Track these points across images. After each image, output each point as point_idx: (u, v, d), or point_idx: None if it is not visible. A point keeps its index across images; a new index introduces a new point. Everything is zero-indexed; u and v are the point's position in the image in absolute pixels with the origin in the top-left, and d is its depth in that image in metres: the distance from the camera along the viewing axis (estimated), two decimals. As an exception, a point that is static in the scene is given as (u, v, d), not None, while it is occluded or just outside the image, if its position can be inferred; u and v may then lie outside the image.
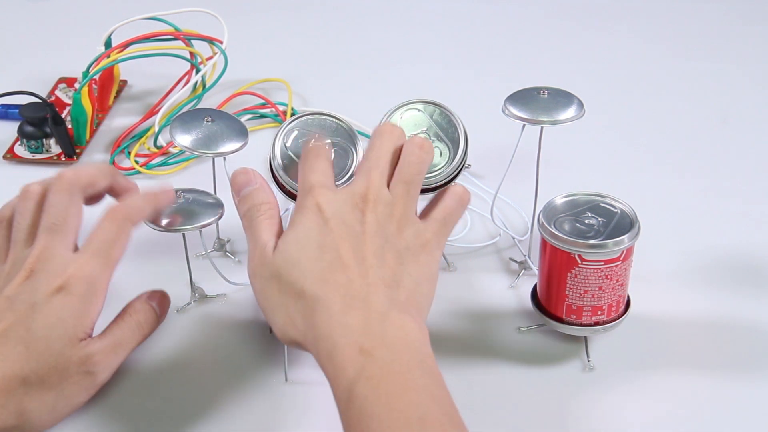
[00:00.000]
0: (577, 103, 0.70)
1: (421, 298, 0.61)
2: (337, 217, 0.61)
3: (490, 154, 0.79)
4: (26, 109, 0.87)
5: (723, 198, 0.83)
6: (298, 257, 0.60)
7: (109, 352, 0.62)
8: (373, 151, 0.65)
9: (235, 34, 0.91)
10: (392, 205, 0.63)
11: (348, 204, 0.62)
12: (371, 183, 0.63)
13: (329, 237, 0.60)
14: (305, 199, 0.63)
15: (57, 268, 0.61)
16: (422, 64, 1.03)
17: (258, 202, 0.64)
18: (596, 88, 0.96)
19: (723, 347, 0.69)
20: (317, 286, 0.59)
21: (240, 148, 0.71)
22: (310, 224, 0.61)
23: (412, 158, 0.65)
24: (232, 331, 0.70)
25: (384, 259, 0.60)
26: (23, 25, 1.10)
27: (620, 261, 0.65)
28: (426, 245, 0.63)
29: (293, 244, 0.61)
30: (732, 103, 0.96)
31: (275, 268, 0.60)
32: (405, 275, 0.61)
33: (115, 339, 0.63)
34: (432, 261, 0.63)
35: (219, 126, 0.72)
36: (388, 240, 0.61)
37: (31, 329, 0.59)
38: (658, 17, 1.11)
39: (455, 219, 0.66)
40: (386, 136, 0.66)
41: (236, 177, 0.66)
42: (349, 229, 0.61)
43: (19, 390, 0.59)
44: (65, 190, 0.64)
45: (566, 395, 0.66)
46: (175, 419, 0.64)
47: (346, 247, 0.60)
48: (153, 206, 0.66)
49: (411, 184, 0.64)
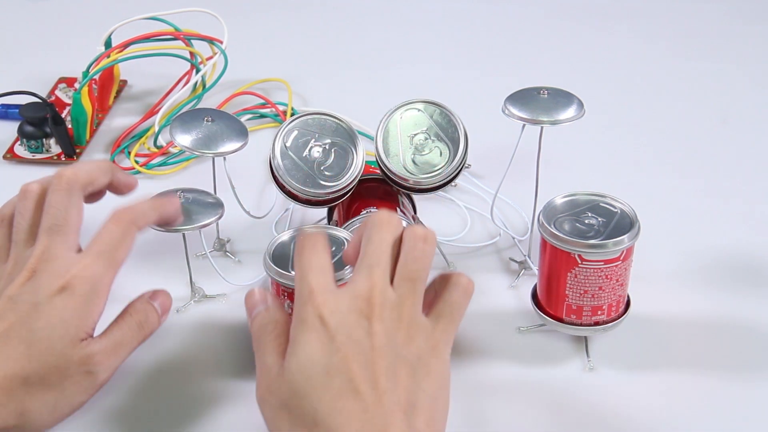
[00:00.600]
0: (577, 103, 0.70)
1: (438, 414, 0.57)
2: (342, 333, 0.56)
3: (490, 154, 0.79)
4: (26, 109, 0.87)
5: (723, 198, 0.83)
6: (305, 386, 0.55)
7: (109, 352, 0.62)
8: (372, 245, 0.59)
9: (235, 34, 0.91)
10: (399, 308, 0.58)
11: (353, 312, 0.57)
12: (375, 284, 0.57)
13: (336, 357, 0.55)
14: (305, 308, 0.57)
15: (59, 269, 0.61)
16: (422, 64, 1.03)
17: (266, 322, 0.60)
18: (596, 88, 0.96)
19: (723, 347, 0.69)
20: (330, 417, 0.54)
21: (240, 148, 0.71)
22: (313, 344, 0.56)
23: (416, 253, 0.59)
24: (232, 331, 0.70)
25: (397, 377, 0.56)
26: (23, 25, 1.10)
27: (620, 261, 0.65)
28: (436, 348, 0.59)
29: (298, 371, 0.56)
30: (732, 103, 0.96)
31: (283, 397, 0.56)
32: (420, 393, 0.56)
33: (116, 339, 0.62)
34: (443, 365, 0.59)
35: (219, 126, 0.72)
36: (398, 353, 0.57)
37: (33, 329, 0.59)
38: (658, 17, 1.11)
39: (462, 312, 0.61)
40: (384, 229, 0.60)
41: (249, 297, 0.62)
42: (357, 345, 0.56)
43: (20, 390, 0.59)
44: (64, 189, 0.64)
45: (566, 395, 0.66)
46: (175, 419, 0.64)
47: (356, 369, 0.55)
48: (159, 213, 0.66)
49: (417, 281, 0.59)
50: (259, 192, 0.83)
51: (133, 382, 0.66)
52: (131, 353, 0.64)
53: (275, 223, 0.79)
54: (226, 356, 0.68)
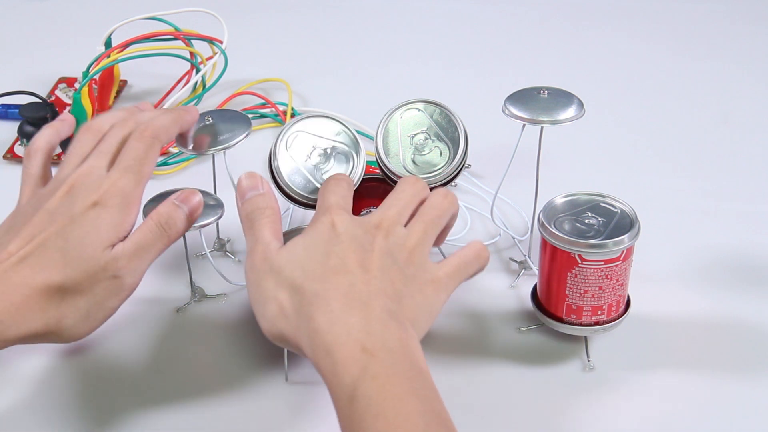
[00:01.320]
0: (577, 103, 0.70)
1: (418, 322, 0.59)
2: (348, 235, 0.61)
3: (490, 154, 0.79)
4: (26, 109, 0.87)
5: (723, 198, 0.83)
6: (302, 258, 0.60)
7: (132, 255, 0.63)
8: (395, 194, 0.64)
9: (235, 34, 0.91)
10: (406, 238, 0.62)
11: (362, 227, 0.61)
12: (387, 215, 0.62)
13: (338, 247, 0.60)
14: (320, 218, 0.63)
15: (94, 184, 0.63)
16: (422, 64, 1.03)
17: (262, 206, 0.64)
18: (596, 88, 0.96)
19: (723, 347, 0.69)
20: (318, 283, 0.58)
21: (242, 139, 0.71)
22: (320, 234, 0.61)
23: (434, 202, 0.64)
24: (232, 331, 0.70)
25: (388, 274, 0.59)
26: (23, 25, 1.10)
27: (620, 261, 0.65)
28: (435, 282, 0.61)
29: (300, 246, 0.61)
30: (732, 103, 0.96)
31: (277, 263, 0.60)
32: (406, 296, 0.59)
33: (137, 242, 0.63)
34: (436, 299, 0.61)
35: (219, 124, 0.72)
36: (396, 262, 0.60)
37: (68, 239, 0.61)
38: (659, 17, 1.11)
39: (470, 271, 0.63)
40: (410, 185, 0.65)
41: (242, 180, 0.65)
42: (359, 245, 0.60)
43: (57, 296, 0.61)
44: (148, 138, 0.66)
45: (566, 395, 0.66)
46: (175, 419, 0.64)
47: (352, 258, 0.59)
48: (179, 126, 0.68)
49: (429, 224, 0.63)
50: (259, 192, 0.83)
51: (134, 381, 0.66)
52: (157, 256, 0.64)
53: (275, 223, 0.79)
54: (226, 356, 0.68)
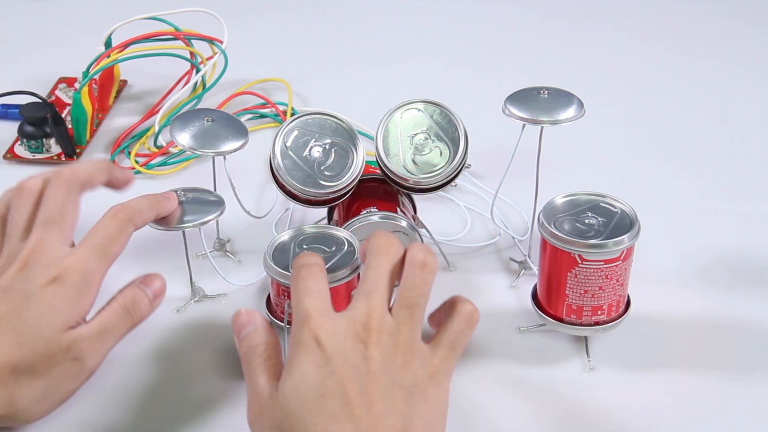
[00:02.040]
0: (577, 103, 0.70)
1: None
2: (338, 355, 0.56)
3: (490, 154, 0.79)
4: (26, 109, 0.87)
5: (723, 198, 0.83)
6: (298, 408, 0.55)
7: (94, 338, 0.61)
8: (371, 270, 0.59)
9: (235, 34, 0.91)
10: (397, 334, 0.57)
11: (350, 336, 0.57)
12: (373, 309, 0.58)
13: (331, 380, 0.55)
14: (302, 331, 0.57)
15: (52, 260, 0.61)
16: (422, 64, 1.03)
17: (255, 343, 0.60)
18: (596, 88, 0.96)
19: (723, 347, 0.69)
20: None
21: (240, 147, 0.71)
22: (309, 366, 0.56)
23: (414, 281, 0.59)
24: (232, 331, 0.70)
25: (392, 402, 0.55)
26: (23, 25, 1.10)
27: (620, 261, 0.65)
28: (434, 375, 0.58)
29: (293, 393, 0.55)
30: (732, 103, 0.96)
31: (276, 419, 0.56)
32: (415, 418, 0.56)
33: (101, 324, 0.62)
34: (441, 393, 0.58)
35: (219, 125, 0.72)
36: (394, 378, 0.56)
37: (24, 318, 0.60)
38: (659, 17, 1.11)
39: (464, 342, 0.60)
40: (383, 255, 0.60)
41: (237, 318, 0.62)
42: (353, 368, 0.56)
43: (10, 378, 0.59)
44: (63, 185, 0.64)
45: (566, 395, 0.66)
46: (175, 419, 0.64)
47: (351, 392, 0.55)
48: (155, 212, 0.66)
49: (415, 308, 0.59)
50: (259, 192, 0.83)
51: (133, 381, 0.66)
52: (120, 339, 0.64)
53: (275, 223, 0.79)
54: (226, 356, 0.68)
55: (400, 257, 0.60)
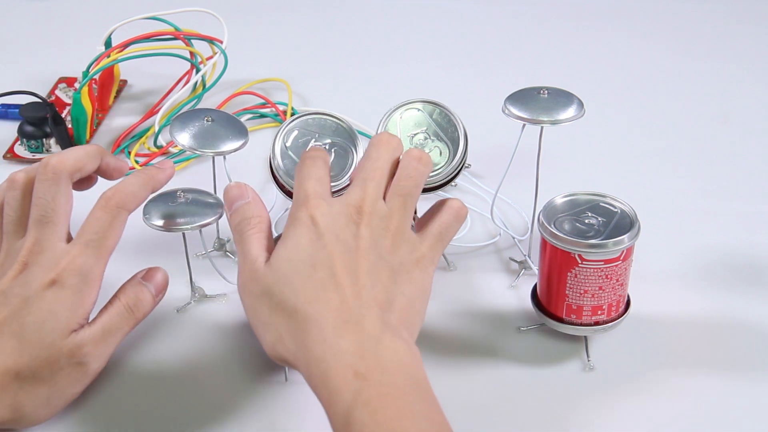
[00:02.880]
0: (577, 103, 0.70)
1: (413, 317, 0.60)
2: (331, 232, 0.60)
3: (490, 154, 0.79)
4: (26, 109, 0.87)
5: (723, 198, 0.83)
6: (289, 275, 0.59)
7: (98, 340, 0.61)
8: (370, 161, 0.64)
9: (235, 34, 0.91)
10: (388, 219, 0.62)
11: (342, 216, 0.61)
12: (367, 194, 0.62)
13: (322, 253, 0.59)
14: (299, 210, 0.61)
15: (49, 261, 0.61)
16: (422, 64, 1.03)
17: (249, 215, 0.63)
18: (596, 88, 0.96)
19: (723, 347, 0.69)
20: (309, 305, 0.58)
21: (240, 147, 0.71)
22: (303, 239, 0.60)
23: (409, 171, 0.63)
24: (232, 331, 0.70)
25: (377, 277, 0.59)
26: (23, 25, 1.10)
27: (620, 261, 0.65)
28: (420, 260, 0.62)
29: (285, 261, 0.60)
30: (732, 103, 0.96)
31: (266, 284, 0.59)
32: (398, 294, 0.60)
33: (105, 326, 0.62)
34: (425, 277, 0.62)
35: (219, 125, 0.72)
36: (382, 256, 0.60)
37: (24, 323, 0.59)
38: (659, 17, 1.11)
39: (451, 234, 0.65)
40: (383, 147, 0.64)
41: (228, 191, 0.65)
42: (343, 244, 0.60)
43: (13, 384, 0.59)
44: (51, 178, 0.63)
45: (566, 395, 0.66)
46: (175, 419, 0.64)
47: (339, 265, 0.59)
48: (150, 188, 0.66)
49: (408, 197, 0.63)
50: (259, 192, 0.82)
51: (133, 382, 0.66)
52: (124, 338, 0.64)
53: (275, 223, 0.79)
54: (226, 356, 0.68)
55: (399, 152, 0.65)
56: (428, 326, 0.70)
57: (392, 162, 0.64)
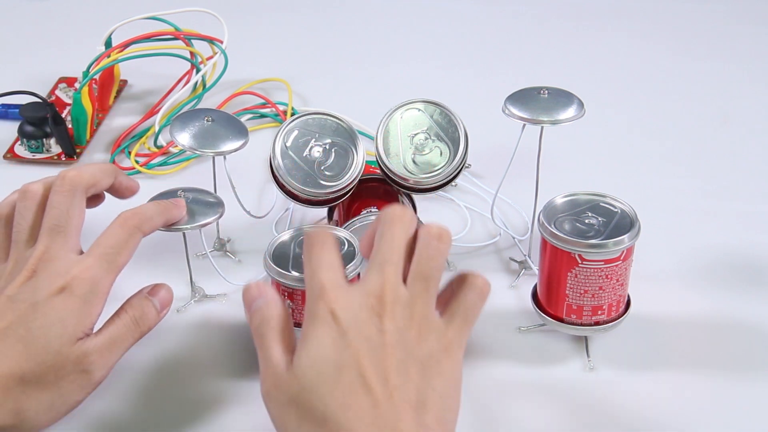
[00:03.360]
0: (577, 103, 0.70)
1: (448, 414, 0.57)
2: (354, 329, 0.55)
3: (490, 154, 0.79)
4: (26, 109, 0.87)
5: (723, 198, 0.83)
6: (315, 381, 0.55)
7: (104, 350, 0.62)
8: (385, 242, 0.58)
9: (235, 34, 0.91)
10: (411, 307, 0.57)
11: (365, 309, 0.56)
12: (387, 281, 0.57)
13: (347, 353, 0.55)
14: (317, 305, 0.56)
15: (59, 269, 0.61)
16: (422, 64, 1.03)
17: (268, 316, 0.58)
18: (596, 88, 0.96)
19: (723, 347, 0.69)
20: (340, 413, 0.54)
21: (240, 147, 0.71)
22: (325, 339, 0.55)
23: (430, 251, 0.58)
24: (232, 331, 0.70)
25: (407, 375, 0.55)
26: (23, 25, 1.10)
27: (620, 261, 0.65)
28: (448, 348, 0.58)
29: (309, 365, 0.55)
30: (732, 103, 0.96)
31: (291, 393, 0.55)
32: (430, 391, 0.56)
33: (111, 336, 0.62)
34: (455, 366, 0.58)
35: (219, 125, 0.72)
36: (409, 350, 0.56)
37: (31, 328, 0.60)
38: (659, 17, 1.11)
39: (477, 314, 0.60)
40: (398, 226, 0.59)
41: (248, 291, 0.60)
42: (368, 341, 0.55)
43: (17, 389, 0.59)
44: (67, 190, 0.64)
45: (566, 395, 0.66)
46: (175, 419, 0.64)
47: (367, 365, 0.54)
48: (165, 218, 0.66)
49: (429, 280, 0.58)
50: (259, 192, 0.83)
51: (133, 382, 0.66)
52: (128, 350, 0.64)
53: (275, 223, 0.79)
54: (226, 356, 0.68)
55: (414, 228, 0.60)
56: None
57: (409, 240, 0.59)
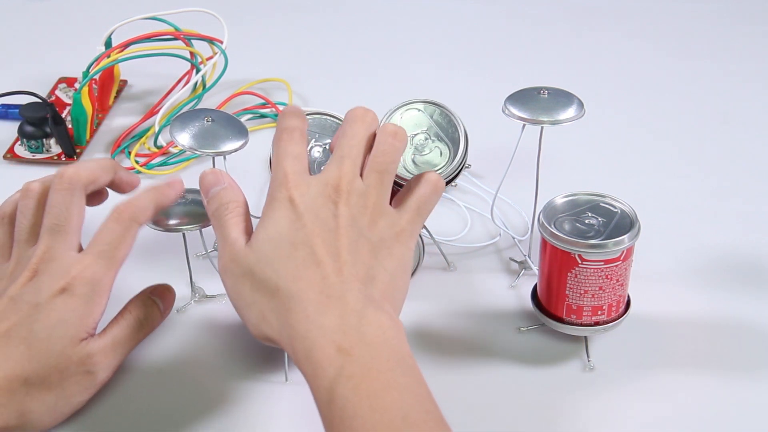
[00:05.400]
0: (577, 103, 0.70)
1: (396, 292, 0.61)
2: (310, 212, 0.60)
3: (490, 154, 0.79)
4: (26, 109, 0.87)
5: (723, 198, 0.83)
6: (270, 254, 0.59)
7: (108, 351, 0.62)
8: (346, 138, 0.64)
9: (235, 34, 0.91)
10: (365, 196, 0.62)
11: (321, 196, 0.61)
12: (344, 173, 0.62)
13: (302, 232, 0.60)
14: (278, 190, 0.62)
15: (60, 269, 0.61)
16: (422, 64, 1.03)
17: (226, 200, 0.63)
18: (596, 88, 0.96)
19: (723, 347, 0.69)
20: (291, 283, 0.58)
21: (240, 147, 0.71)
22: (282, 220, 0.61)
23: (385, 147, 0.64)
24: (232, 331, 0.70)
25: (358, 253, 0.60)
26: (23, 25, 1.10)
27: (620, 261, 0.65)
28: (400, 235, 0.62)
29: (265, 241, 0.60)
30: (732, 103, 0.96)
31: (247, 265, 0.60)
32: (380, 269, 0.60)
33: (115, 338, 0.63)
34: (406, 251, 0.62)
35: (219, 125, 0.72)
36: (362, 233, 0.61)
37: (34, 330, 0.60)
38: (659, 17, 1.11)
39: (430, 207, 0.65)
40: (358, 123, 0.64)
41: (204, 177, 0.65)
42: (323, 223, 0.60)
43: (21, 390, 0.59)
44: (66, 188, 0.64)
45: (566, 395, 0.66)
46: (175, 419, 0.64)
47: (320, 243, 0.59)
48: (160, 203, 0.66)
49: (384, 173, 0.63)
50: (259, 192, 0.83)
51: (133, 381, 0.66)
52: (131, 350, 0.64)
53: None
54: (226, 356, 0.68)
55: (375, 128, 0.65)
56: (428, 326, 0.70)
57: (368, 137, 0.64)
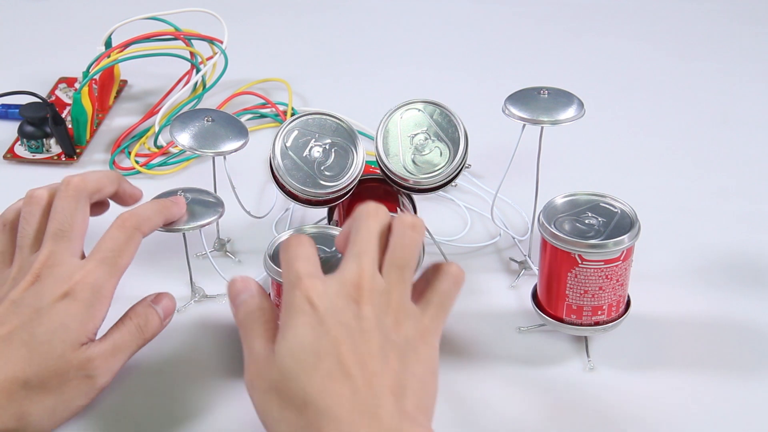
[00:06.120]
0: (577, 103, 0.70)
1: (427, 400, 0.57)
2: (331, 315, 0.56)
3: (490, 154, 0.79)
4: (26, 109, 0.87)
5: (723, 198, 0.83)
6: (295, 368, 0.55)
7: (108, 356, 0.62)
8: (360, 234, 0.59)
9: (235, 34, 0.91)
10: (388, 294, 0.58)
11: (341, 296, 0.57)
12: (364, 270, 0.58)
13: (325, 340, 0.55)
14: (293, 293, 0.57)
15: (63, 275, 0.61)
16: (422, 64, 1.03)
17: (252, 308, 0.60)
18: (596, 88, 0.96)
19: (723, 347, 0.69)
20: (319, 398, 0.54)
21: (240, 147, 0.71)
22: (302, 327, 0.56)
23: (404, 240, 0.59)
24: (232, 331, 0.70)
25: (387, 360, 0.56)
26: (23, 25, 1.10)
27: (620, 261, 0.65)
28: (425, 335, 0.58)
29: (287, 353, 0.56)
30: (732, 103, 0.96)
31: (272, 380, 0.56)
32: (409, 377, 0.56)
33: (115, 343, 0.63)
34: (432, 352, 0.59)
35: (219, 125, 0.72)
36: (387, 336, 0.57)
37: (35, 333, 0.60)
38: (659, 17, 1.11)
39: (452, 302, 0.61)
40: (372, 218, 0.60)
41: (233, 285, 0.61)
42: (347, 328, 0.56)
43: (20, 393, 0.59)
44: (72, 196, 0.65)
45: (566, 395, 0.66)
46: (175, 419, 0.64)
47: (345, 351, 0.55)
48: (164, 217, 0.66)
49: (405, 268, 0.59)
50: (259, 192, 0.84)
51: (133, 381, 0.66)
52: (131, 357, 0.64)
53: (275, 223, 0.79)
54: (226, 356, 0.68)
55: (388, 221, 0.61)
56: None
57: (383, 232, 0.60)
